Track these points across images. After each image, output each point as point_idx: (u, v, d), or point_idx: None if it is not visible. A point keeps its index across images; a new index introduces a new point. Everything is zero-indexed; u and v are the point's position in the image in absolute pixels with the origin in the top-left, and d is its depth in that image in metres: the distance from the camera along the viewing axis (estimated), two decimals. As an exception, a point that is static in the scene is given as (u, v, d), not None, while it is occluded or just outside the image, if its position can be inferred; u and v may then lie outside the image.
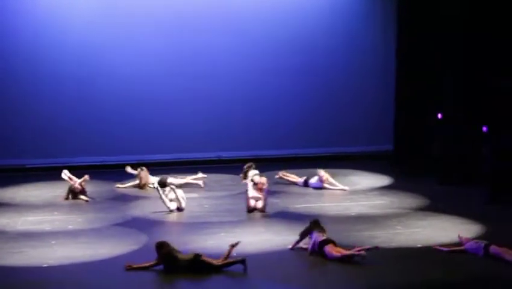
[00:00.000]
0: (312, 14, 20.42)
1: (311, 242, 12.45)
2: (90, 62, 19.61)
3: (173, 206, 15.21)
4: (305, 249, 12.55)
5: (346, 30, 20.58)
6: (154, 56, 19.85)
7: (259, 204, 15.18)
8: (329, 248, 12.15)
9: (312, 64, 20.45)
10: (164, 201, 15.17)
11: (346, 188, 17.04)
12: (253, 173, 17.39)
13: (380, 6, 20.68)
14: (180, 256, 11.78)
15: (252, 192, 15.31)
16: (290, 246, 12.77)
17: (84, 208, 15.75)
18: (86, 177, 16.46)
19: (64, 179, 16.62)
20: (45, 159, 19.46)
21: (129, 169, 17.81)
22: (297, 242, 12.75)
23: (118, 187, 17.47)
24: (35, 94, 19.45)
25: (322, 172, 17.11)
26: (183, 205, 15.24)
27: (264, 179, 17.05)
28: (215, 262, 11.71)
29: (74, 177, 16.57)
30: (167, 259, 11.73)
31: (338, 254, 12.07)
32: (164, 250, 11.76)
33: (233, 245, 11.99)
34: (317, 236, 12.38)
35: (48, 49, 19.44)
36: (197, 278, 11.56)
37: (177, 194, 15.22)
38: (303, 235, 12.66)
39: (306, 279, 11.56)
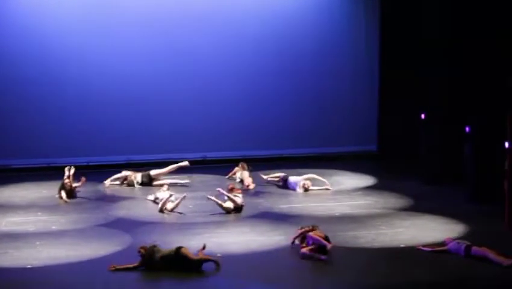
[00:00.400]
0: (298, 16, 20.43)
1: (308, 240, 12.55)
2: (75, 62, 19.55)
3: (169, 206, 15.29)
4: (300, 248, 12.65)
5: (331, 32, 20.61)
6: (139, 56, 19.81)
7: (233, 204, 15.22)
8: (313, 234, 12.31)
9: (298, 65, 20.47)
10: (164, 203, 15.25)
11: (329, 187, 17.05)
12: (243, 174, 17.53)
13: (363, 8, 20.74)
14: (162, 251, 11.82)
15: (226, 194, 15.35)
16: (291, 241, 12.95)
17: (68, 209, 15.72)
18: (83, 180, 16.42)
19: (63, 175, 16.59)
20: (29, 159, 19.41)
21: (107, 183, 17.76)
22: (296, 237, 12.84)
23: (107, 186, 17.48)
24: (19, 94, 19.38)
25: (305, 182, 17.01)
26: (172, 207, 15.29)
27: (249, 180, 17.16)
28: (194, 257, 11.74)
29: (71, 179, 16.53)
30: (150, 259, 11.75)
31: (317, 237, 12.22)
32: (146, 252, 11.79)
33: (201, 250, 12.00)
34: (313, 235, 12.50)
35: (31, 48, 19.36)
36: (181, 278, 11.58)
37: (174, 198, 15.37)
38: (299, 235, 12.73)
39: (291, 279, 11.59)
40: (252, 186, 17.16)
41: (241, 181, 17.47)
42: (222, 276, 11.62)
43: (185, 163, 17.85)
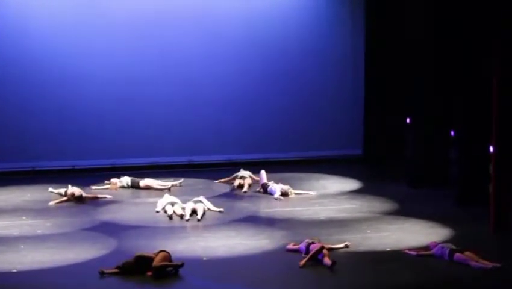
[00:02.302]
0: (285, 20, 20.45)
1: (302, 245, 12.61)
2: (60, 65, 19.50)
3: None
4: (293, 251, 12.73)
5: (317, 36, 20.65)
6: (126, 60, 19.78)
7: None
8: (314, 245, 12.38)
9: (283, 69, 20.50)
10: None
11: (312, 193, 17.05)
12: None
13: (349, 12, 20.79)
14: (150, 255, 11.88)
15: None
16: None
17: (53, 213, 15.64)
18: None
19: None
20: (13, 163, 19.30)
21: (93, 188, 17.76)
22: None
23: (97, 188, 17.46)
24: (3, 97, 19.30)
25: (284, 188, 16.94)
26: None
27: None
28: (155, 262, 11.73)
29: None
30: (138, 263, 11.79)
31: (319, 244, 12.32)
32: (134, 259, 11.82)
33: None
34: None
35: (14, 50, 19.28)
36: (166, 282, 11.55)
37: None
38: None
39: (277, 283, 11.59)
40: (246, 188, 17.27)
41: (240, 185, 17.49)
42: (208, 279, 11.60)
43: (179, 182, 17.85)
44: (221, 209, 15.48)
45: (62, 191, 16.61)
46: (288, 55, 20.54)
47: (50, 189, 16.95)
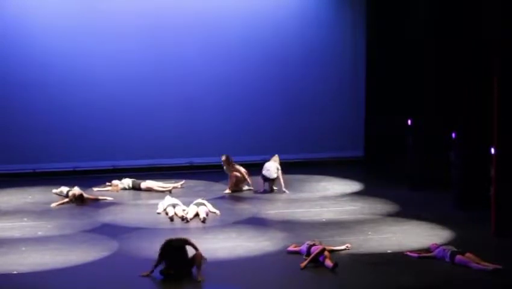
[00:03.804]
0: (284, 23, 20.42)
1: (303, 247, 12.61)
2: (61, 67, 19.47)
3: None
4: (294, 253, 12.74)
5: (318, 36, 20.64)
6: (127, 62, 19.75)
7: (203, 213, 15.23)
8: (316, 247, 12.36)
9: (284, 71, 20.48)
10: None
11: (287, 191, 17.09)
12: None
13: (350, 13, 20.79)
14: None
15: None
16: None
17: (54, 214, 15.66)
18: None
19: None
20: (14, 165, 19.31)
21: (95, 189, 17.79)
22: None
23: (99, 190, 17.48)
24: (5, 99, 19.30)
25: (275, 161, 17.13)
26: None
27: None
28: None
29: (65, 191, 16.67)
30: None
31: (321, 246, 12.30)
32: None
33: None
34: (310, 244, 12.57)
35: (15, 51, 19.25)
36: (165, 284, 11.56)
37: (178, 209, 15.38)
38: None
39: (278, 284, 11.61)
40: (228, 190, 17.36)
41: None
42: (209, 281, 11.60)
43: (180, 183, 17.86)
44: (218, 212, 15.49)
45: (64, 190, 16.65)
46: (288, 55, 20.52)
47: (54, 190, 16.99)
